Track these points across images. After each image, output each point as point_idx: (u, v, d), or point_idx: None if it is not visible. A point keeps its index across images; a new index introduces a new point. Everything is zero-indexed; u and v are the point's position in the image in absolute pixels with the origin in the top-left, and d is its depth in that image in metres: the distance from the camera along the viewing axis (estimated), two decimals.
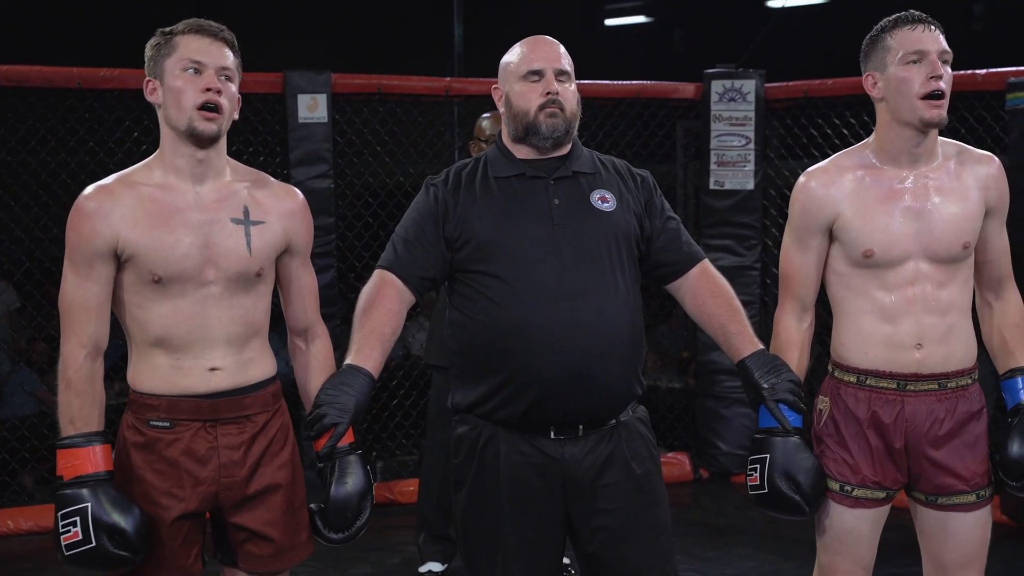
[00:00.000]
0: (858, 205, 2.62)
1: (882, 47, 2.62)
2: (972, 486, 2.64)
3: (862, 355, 2.65)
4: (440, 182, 2.61)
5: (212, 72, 2.36)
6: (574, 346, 2.46)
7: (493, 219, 2.52)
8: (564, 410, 2.48)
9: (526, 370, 2.45)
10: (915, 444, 2.62)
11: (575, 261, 2.49)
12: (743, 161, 5.46)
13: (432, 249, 2.54)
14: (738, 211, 5.50)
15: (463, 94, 5.17)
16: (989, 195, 2.66)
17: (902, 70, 2.58)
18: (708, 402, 5.60)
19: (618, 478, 2.54)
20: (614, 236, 2.55)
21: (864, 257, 2.60)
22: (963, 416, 2.63)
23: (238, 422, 2.42)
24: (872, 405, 2.63)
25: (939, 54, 2.57)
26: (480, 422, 2.54)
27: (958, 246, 2.60)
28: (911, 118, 2.58)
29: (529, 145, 2.58)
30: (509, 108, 2.59)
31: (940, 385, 2.62)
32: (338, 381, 2.42)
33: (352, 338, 2.48)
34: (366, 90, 5.11)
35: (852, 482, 2.65)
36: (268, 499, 2.45)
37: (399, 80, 5.17)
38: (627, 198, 2.61)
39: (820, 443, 2.72)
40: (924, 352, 2.60)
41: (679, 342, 6.17)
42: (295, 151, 4.95)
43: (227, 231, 2.39)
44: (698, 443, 5.66)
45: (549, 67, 2.56)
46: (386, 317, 2.50)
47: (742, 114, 5.43)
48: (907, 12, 2.63)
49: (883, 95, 2.62)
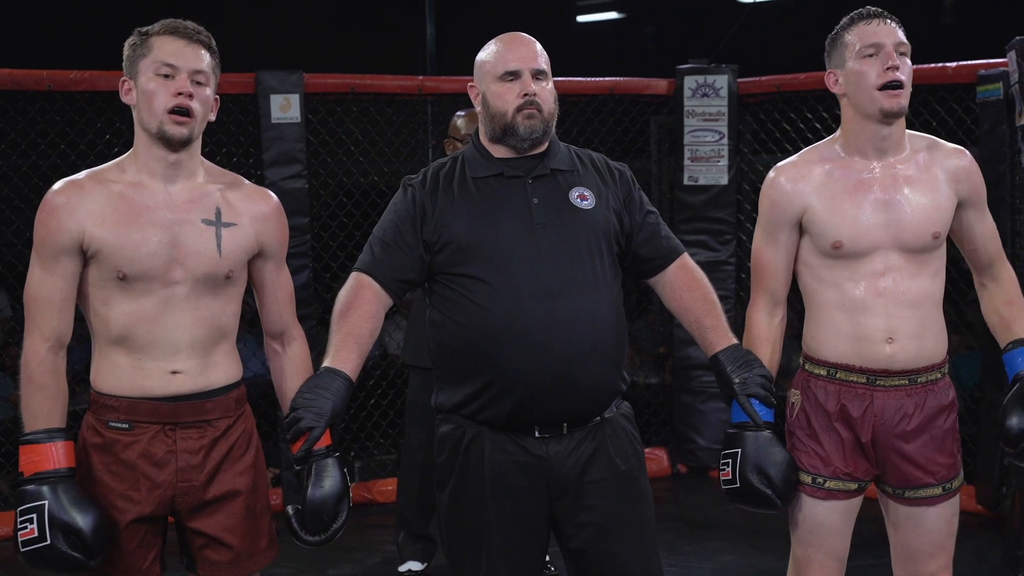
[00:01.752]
0: (827, 198, 2.64)
1: (841, 44, 2.66)
2: (939, 479, 2.66)
3: (832, 348, 2.66)
4: (418, 183, 2.60)
5: (185, 76, 2.35)
6: (557, 346, 2.45)
7: (472, 221, 2.51)
8: (548, 410, 2.48)
9: (510, 372, 2.45)
10: (883, 438, 2.64)
11: (555, 261, 2.49)
12: (717, 156, 5.48)
13: (410, 252, 2.53)
14: (712, 206, 5.51)
15: (436, 92, 5.16)
16: (960, 187, 2.68)
17: (859, 64, 2.62)
18: (685, 397, 5.62)
19: (602, 475, 2.54)
20: (594, 234, 2.54)
21: (833, 249, 2.62)
22: (932, 410, 2.65)
23: (198, 426, 2.41)
24: (841, 399, 2.65)
25: (895, 46, 2.61)
26: (464, 421, 2.53)
27: (927, 235, 2.62)
28: (871, 110, 2.61)
29: (507, 145, 2.57)
30: (486, 108, 2.58)
31: (910, 380, 2.64)
32: (315, 384, 2.42)
33: (330, 340, 2.48)
34: (339, 90, 5.10)
35: (824, 474, 2.66)
36: (227, 505, 2.44)
37: (372, 79, 5.16)
38: (606, 194, 2.61)
39: (792, 436, 2.73)
40: (895, 347, 2.62)
41: (656, 338, 6.18)
42: (268, 151, 4.93)
43: (197, 232, 2.38)
44: (676, 438, 5.67)
45: (526, 67, 2.55)
46: (363, 320, 2.49)
47: (715, 109, 5.45)
48: (864, 8, 2.67)
49: (844, 91, 2.66)
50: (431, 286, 2.58)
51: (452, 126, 4.07)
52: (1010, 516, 4.14)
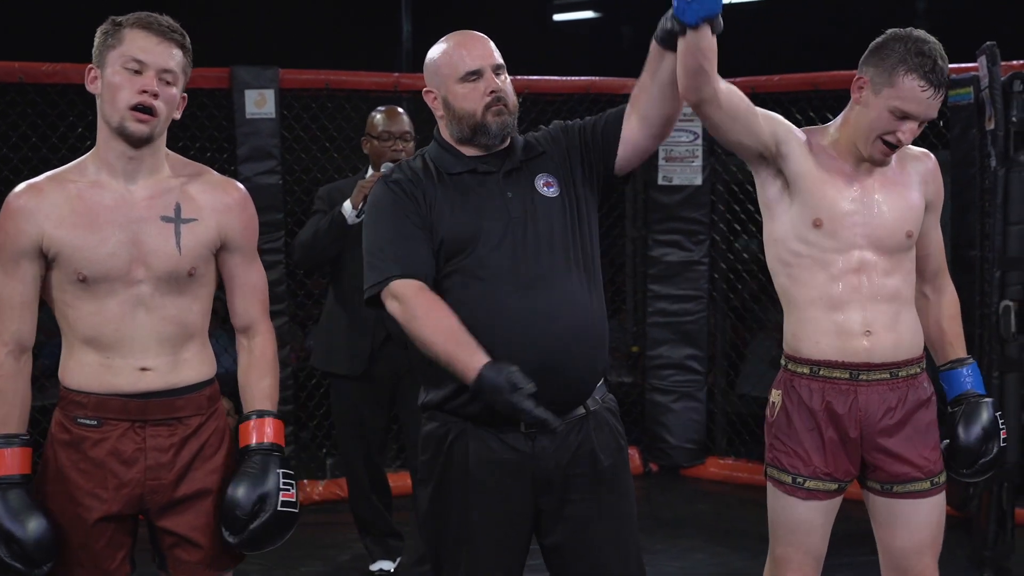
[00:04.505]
0: (815, 169, 2.67)
1: (888, 76, 2.59)
2: (926, 473, 2.69)
3: (814, 345, 2.69)
4: (403, 179, 2.56)
5: (152, 74, 2.31)
6: (540, 338, 2.45)
7: (455, 218, 2.50)
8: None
9: None
10: (869, 434, 2.67)
11: (534, 252, 2.49)
12: (691, 157, 5.50)
13: (427, 242, 2.50)
14: (686, 206, 5.54)
15: (412, 90, 5.15)
16: (928, 189, 2.74)
17: (885, 115, 2.60)
18: (656, 396, 5.64)
19: (586, 469, 2.54)
20: (563, 221, 2.54)
21: (814, 227, 2.64)
22: (914, 404, 2.69)
23: (168, 424, 2.38)
24: (826, 396, 2.67)
25: (924, 119, 2.60)
26: (449, 418, 2.52)
27: (902, 234, 2.65)
28: (863, 147, 2.65)
29: (476, 145, 2.56)
30: (450, 111, 2.55)
31: (891, 374, 2.67)
32: (505, 369, 2.34)
33: (448, 354, 2.40)
34: (314, 85, 5.08)
35: (804, 474, 2.69)
36: (197, 504, 2.40)
37: (347, 76, 5.15)
38: (562, 165, 2.60)
39: (771, 436, 2.75)
40: (873, 339, 2.65)
41: (628, 337, 6.19)
42: (242, 147, 4.92)
43: (156, 229, 2.35)
44: (647, 437, 5.69)
45: (487, 65, 2.53)
46: (450, 315, 2.43)
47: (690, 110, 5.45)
48: (928, 61, 2.56)
49: (861, 104, 2.65)
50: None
51: (370, 123, 4.04)
52: (977, 516, 4.18)
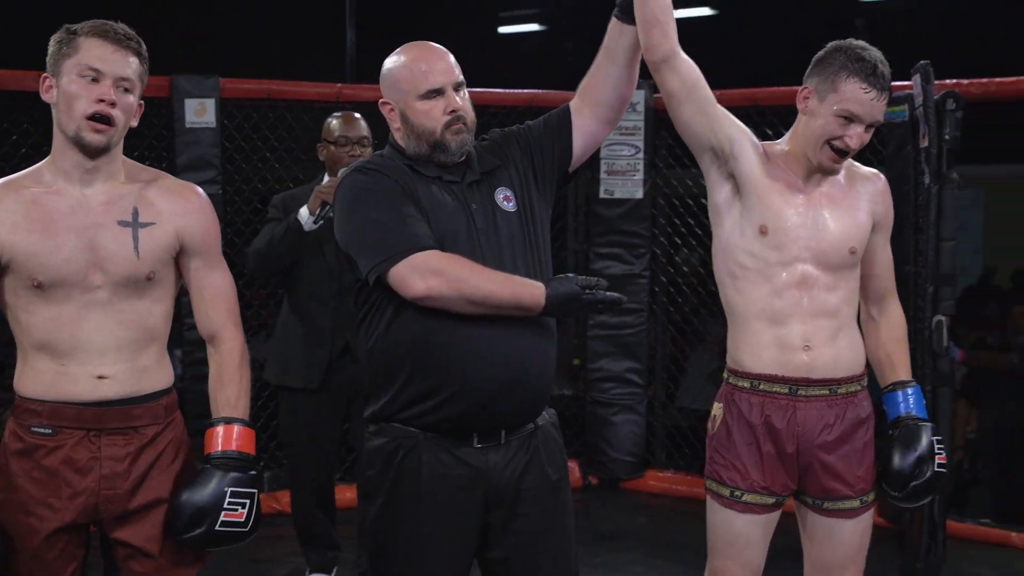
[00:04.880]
0: (766, 178, 2.70)
1: (829, 82, 2.65)
2: (857, 492, 2.72)
3: (755, 359, 2.71)
4: (383, 167, 2.53)
5: (109, 82, 2.29)
6: (504, 351, 2.44)
7: (429, 223, 2.48)
8: (493, 415, 2.46)
9: (459, 378, 2.42)
10: (806, 449, 2.69)
11: (498, 266, 2.47)
12: (632, 170, 5.53)
13: (426, 224, 2.46)
14: (627, 220, 5.57)
15: (355, 100, 5.13)
16: (877, 209, 2.77)
17: (832, 120, 2.65)
18: (597, 409, 5.65)
19: (536, 483, 2.54)
20: (522, 236, 2.55)
21: (760, 234, 2.67)
22: (852, 422, 2.71)
23: (124, 433, 2.35)
24: (765, 410, 2.70)
25: (870, 123, 2.64)
26: (400, 432, 2.49)
27: (845, 250, 2.68)
28: (811, 155, 2.68)
29: (435, 161, 2.54)
30: (408, 126, 2.54)
31: (830, 391, 2.69)
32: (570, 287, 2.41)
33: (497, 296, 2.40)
34: (256, 95, 5.06)
35: (742, 487, 2.71)
36: (152, 514, 2.37)
37: (289, 86, 5.12)
38: (516, 177, 2.61)
39: (712, 448, 2.77)
40: (812, 354, 2.67)
41: (570, 350, 6.21)
42: (182, 156, 4.88)
43: (113, 234, 2.32)
44: (587, 450, 5.71)
45: (448, 82, 2.52)
46: (479, 265, 2.43)
47: (632, 124, 5.51)
48: (870, 64, 2.63)
49: (807, 113, 2.70)
50: (370, 287, 2.48)
51: (326, 129, 3.97)
52: (909, 529, 4.24)
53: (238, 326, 2.52)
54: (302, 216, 3.74)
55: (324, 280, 3.86)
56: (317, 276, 3.87)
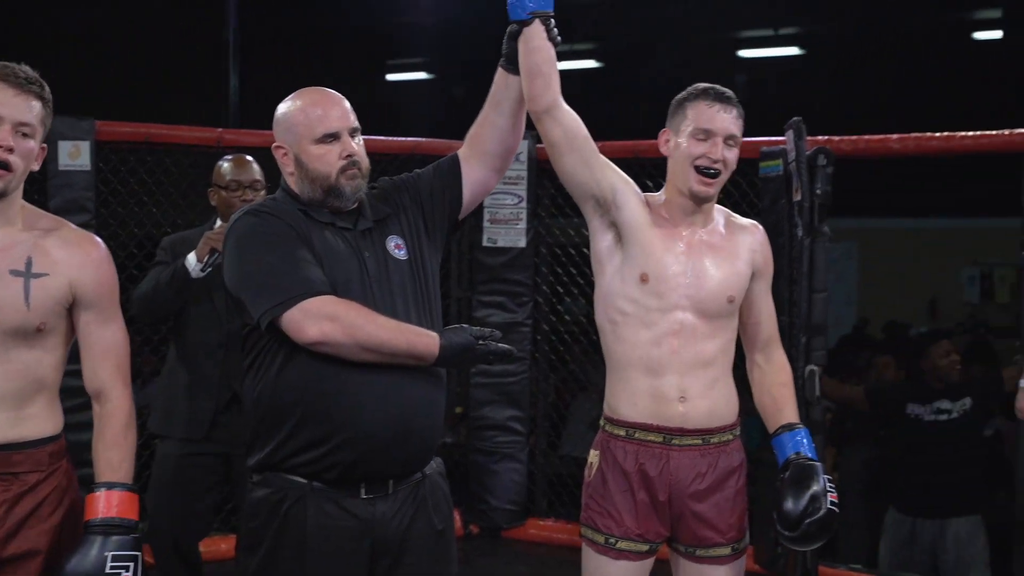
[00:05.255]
0: (648, 227, 2.73)
1: (681, 113, 2.76)
2: (728, 539, 2.76)
3: (631, 407, 2.73)
4: (277, 211, 2.50)
5: (8, 128, 2.25)
6: (397, 401, 2.43)
7: (323, 268, 2.45)
8: (384, 464, 2.44)
9: (349, 427, 2.39)
10: (678, 497, 2.72)
11: (390, 314, 2.46)
12: (516, 219, 5.56)
13: (320, 269, 2.44)
14: (510, 268, 5.59)
15: (236, 145, 5.07)
16: (756, 259, 2.83)
17: (689, 142, 2.71)
18: (479, 457, 5.63)
19: (422, 533, 2.52)
20: (413, 284, 2.55)
21: (640, 282, 2.70)
22: (724, 471, 2.75)
23: (4, 479, 2.27)
24: (640, 458, 2.72)
25: (725, 137, 2.70)
26: (286, 482, 2.44)
27: (724, 299, 2.73)
28: (684, 187, 2.72)
29: (328, 206, 2.53)
30: (303, 170, 2.52)
31: (703, 440, 2.73)
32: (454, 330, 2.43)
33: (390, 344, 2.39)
34: (133, 138, 4.95)
35: (616, 534, 2.72)
36: (25, 564, 2.29)
37: (168, 129, 5.03)
38: (407, 225, 2.61)
39: (587, 496, 2.78)
40: (688, 405, 2.71)
41: (452, 398, 6.19)
42: (54, 199, 4.74)
43: (4, 283, 2.26)
44: (469, 498, 5.67)
45: (344, 128, 2.52)
46: (374, 312, 2.41)
47: (515, 173, 5.54)
48: (712, 87, 2.75)
49: (671, 155, 2.76)
50: (260, 332, 2.45)
51: (217, 173, 3.89)
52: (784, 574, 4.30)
53: (127, 384, 2.46)
54: (189, 263, 3.64)
55: (212, 328, 3.76)
56: (205, 323, 3.77)
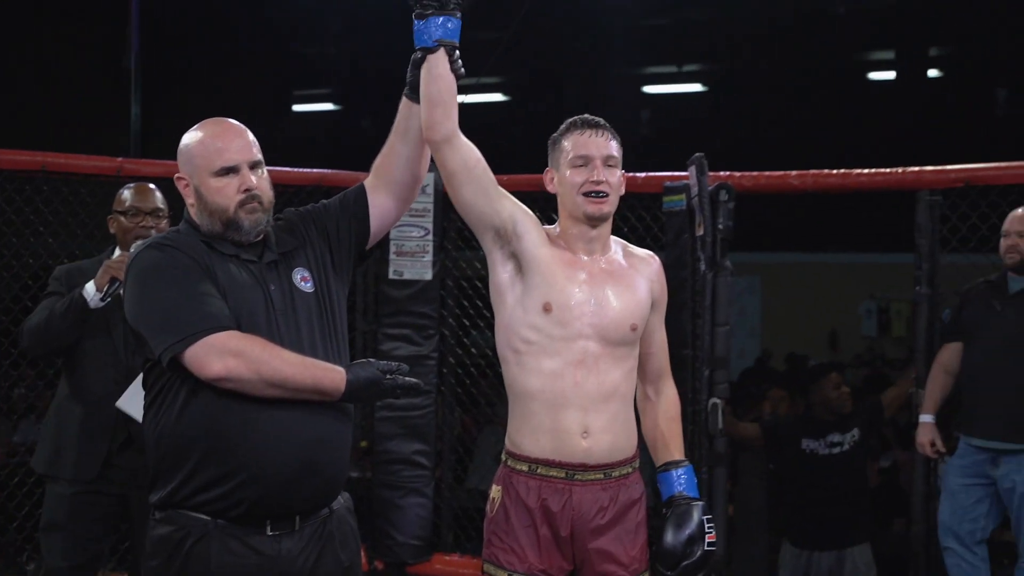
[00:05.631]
0: (550, 257, 2.74)
1: (558, 148, 2.82)
2: (631, 572, 2.77)
3: (534, 443, 2.73)
4: (181, 244, 2.45)
5: None
6: (302, 436, 2.40)
7: (227, 301, 2.42)
8: (290, 500, 2.40)
9: (254, 463, 2.36)
10: (580, 532, 2.72)
11: (296, 348, 2.43)
12: (422, 252, 5.55)
13: (224, 302, 2.40)
14: (416, 301, 5.56)
15: (137, 175, 4.98)
16: (654, 288, 2.86)
17: (570, 172, 2.74)
18: (384, 492, 5.58)
19: (329, 569, 2.48)
20: (319, 316, 2.53)
21: (544, 311, 2.70)
22: (625, 504, 2.76)
23: None
24: (542, 493, 2.72)
25: (604, 159, 2.75)
26: (189, 520, 2.39)
27: (627, 327, 2.75)
28: (577, 213, 2.75)
29: (229, 239, 2.49)
30: (202, 202, 2.49)
31: (605, 475, 2.74)
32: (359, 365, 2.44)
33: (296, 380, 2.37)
34: (29, 168, 4.84)
35: (519, 570, 2.72)
36: None
37: (66, 159, 4.92)
38: (313, 257, 2.59)
39: (490, 531, 2.77)
40: (590, 440, 2.71)
41: (357, 432, 6.13)
42: None
43: None
44: (374, 534, 5.61)
45: (244, 161, 2.49)
46: (279, 348, 2.38)
47: (421, 206, 5.53)
48: (581, 117, 2.83)
49: (556, 186, 2.79)
50: (162, 368, 2.40)
51: (117, 200, 3.79)
52: None
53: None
54: (88, 292, 3.50)
55: (109, 363, 3.61)
56: (101, 359, 3.62)
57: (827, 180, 4.83)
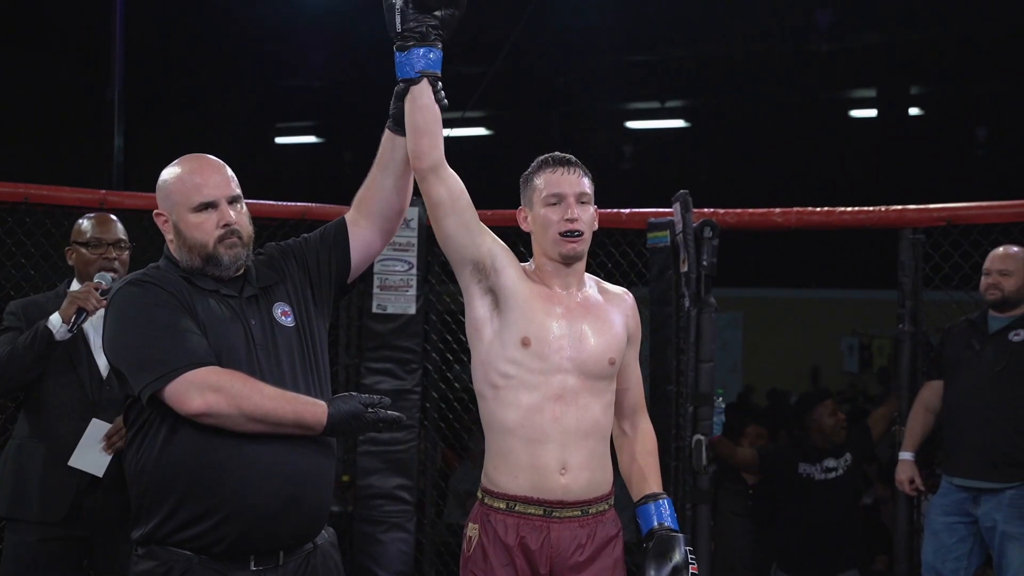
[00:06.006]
0: (528, 293, 2.73)
1: (530, 187, 2.82)
2: None
3: (511, 480, 2.72)
4: (160, 280, 2.45)
5: None
6: (286, 468, 2.39)
7: (207, 337, 2.41)
8: (274, 535, 2.39)
9: (236, 498, 2.35)
10: (559, 570, 2.71)
11: (277, 382, 2.43)
12: (405, 286, 5.54)
13: (204, 339, 2.39)
14: (400, 335, 5.54)
15: (120, 207, 4.96)
16: (629, 323, 2.87)
17: (544, 210, 2.75)
18: (365, 527, 5.54)
19: None
20: (300, 350, 2.53)
21: (522, 346, 2.70)
22: (602, 540, 2.75)
23: None
24: (520, 531, 2.70)
25: (577, 196, 2.76)
26: (171, 556, 2.37)
27: (605, 361, 2.75)
28: (553, 253, 2.75)
29: (209, 275, 2.50)
30: (181, 238, 2.50)
31: (583, 512, 2.73)
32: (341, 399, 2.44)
33: (276, 413, 2.37)
34: (11, 199, 4.82)
35: None
36: None
37: (49, 190, 4.90)
38: (294, 292, 2.59)
39: (467, 570, 2.75)
40: (569, 477, 2.70)
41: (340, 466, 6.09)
42: None
43: None
44: (355, 569, 5.57)
45: (222, 196, 2.50)
46: (259, 382, 2.38)
47: (405, 240, 5.53)
48: (552, 155, 2.84)
49: (531, 225, 2.80)
50: (142, 403, 2.39)
51: (76, 231, 3.70)
52: None
53: None
54: (53, 324, 3.40)
55: (74, 398, 3.52)
56: (65, 394, 3.52)
57: (811, 217, 4.85)
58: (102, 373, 3.54)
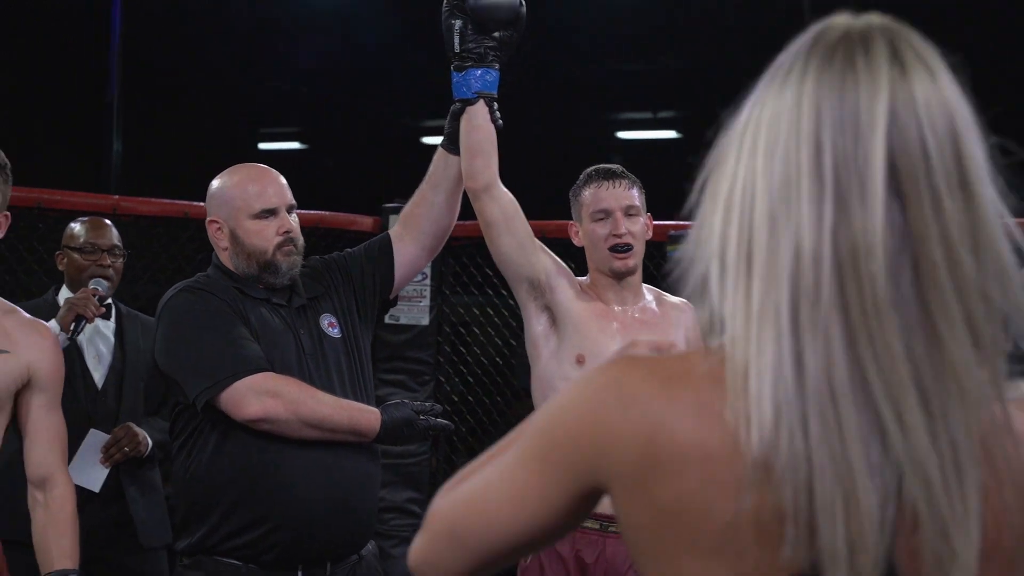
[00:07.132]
0: (583, 309, 2.71)
1: (578, 201, 2.81)
2: None
3: None
4: (214, 289, 2.46)
5: None
6: (338, 476, 2.40)
7: (259, 344, 2.43)
8: (322, 544, 2.39)
9: (288, 504, 2.35)
10: None
11: (327, 390, 2.44)
12: (419, 297, 5.49)
13: (257, 345, 2.40)
14: (412, 346, 5.50)
15: (134, 213, 4.88)
16: (690, 335, 2.89)
17: (592, 226, 2.73)
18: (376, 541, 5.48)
19: None
20: (347, 361, 2.54)
21: (576, 363, 2.68)
22: None
23: None
24: (576, 545, 2.70)
25: (624, 210, 2.74)
26: (219, 566, 2.37)
27: None
28: (604, 268, 2.73)
29: (263, 281, 2.51)
30: (238, 245, 2.50)
31: None
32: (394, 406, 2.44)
33: (332, 420, 2.38)
34: (25, 204, 4.72)
35: None
36: None
37: (62, 195, 4.83)
38: (339, 304, 2.61)
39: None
40: None
41: None
42: None
43: None
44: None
45: (282, 204, 2.54)
46: (315, 388, 2.39)
47: None
48: (597, 167, 2.84)
49: (581, 239, 2.79)
50: (193, 412, 2.40)
51: (68, 235, 3.58)
52: None
53: (68, 472, 2.41)
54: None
55: (69, 411, 3.33)
56: (64, 407, 3.44)
57: None
58: (97, 385, 3.45)
